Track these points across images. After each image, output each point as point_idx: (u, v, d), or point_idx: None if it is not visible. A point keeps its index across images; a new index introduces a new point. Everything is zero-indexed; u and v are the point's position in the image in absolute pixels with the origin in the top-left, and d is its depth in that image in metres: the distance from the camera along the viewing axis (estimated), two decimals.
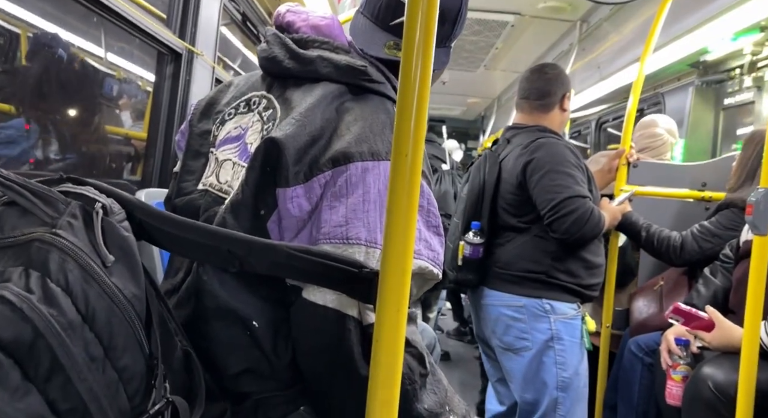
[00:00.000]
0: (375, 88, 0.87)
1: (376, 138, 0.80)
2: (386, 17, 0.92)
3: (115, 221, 0.66)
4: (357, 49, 0.93)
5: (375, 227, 0.75)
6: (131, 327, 0.62)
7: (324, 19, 0.92)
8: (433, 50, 0.59)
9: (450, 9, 0.95)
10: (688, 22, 2.56)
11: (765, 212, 1.28)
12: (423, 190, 0.81)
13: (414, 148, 0.58)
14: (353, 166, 0.77)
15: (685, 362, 1.60)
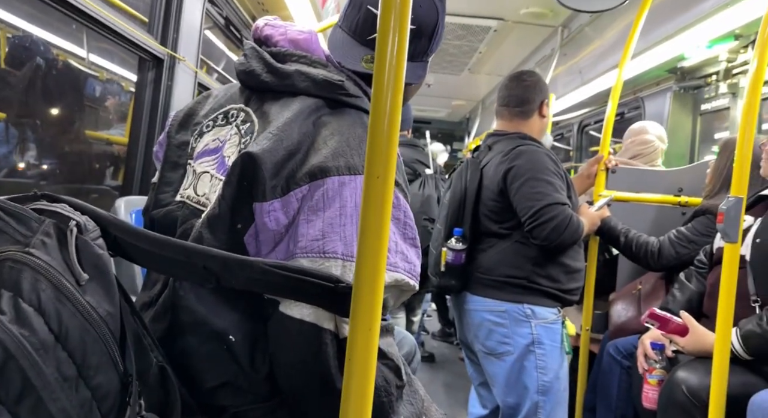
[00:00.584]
0: (352, 102, 0.88)
1: (353, 152, 0.81)
2: (363, 32, 0.93)
3: (90, 238, 0.66)
4: (334, 62, 0.93)
5: (352, 241, 0.76)
6: (105, 345, 0.62)
7: (302, 34, 0.93)
8: (404, 76, 0.60)
9: (427, 24, 0.95)
10: (665, 29, 2.61)
11: (735, 219, 1.31)
12: (399, 202, 0.82)
13: (386, 170, 0.59)
14: (330, 180, 0.78)
15: (661, 366, 1.64)
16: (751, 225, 1.57)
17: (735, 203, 1.31)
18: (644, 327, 1.75)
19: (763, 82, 1.35)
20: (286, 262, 0.75)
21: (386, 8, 0.59)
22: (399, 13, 0.59)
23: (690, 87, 3.07)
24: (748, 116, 1.32)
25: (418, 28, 0.91)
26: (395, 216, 0.81)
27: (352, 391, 0.60)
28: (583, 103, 4.29)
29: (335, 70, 0.91)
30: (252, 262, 0.71)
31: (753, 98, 1.32)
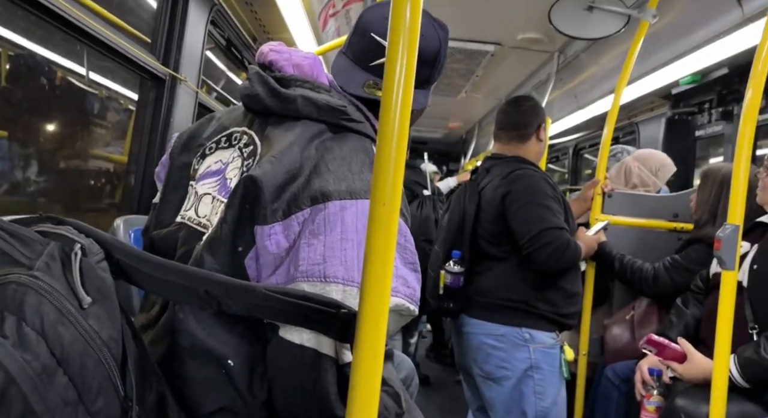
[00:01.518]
0: (354, 127, 0.89)
1: (355, 177, 0.81)
2: (367, 58, 0.95)
3: (94, 261, 0.66)
4: (337, 88, 0.95)
5: (353, 266, 0.76)
6: (106, 370, 0.62)
7: (306, 59, 0.94)
8: (410, 105, 0.61)
9: (429, 52, 0.97)
10: (659, 57, 2.66)
11: (732, 247, 1.33)
12: (400, 227, 0.82)
13: (392, 197, 0.60)
14: (332, 204, 0.78)
15: (659, 392, 1.63)
16: (748, 251, 1.59)
17: (732, 231, 1.32)
18: (640, 351, 1.75)
19: (758, 108, 1.38)
20: (288, 287, 0.75)
21: (394, 40, 0.61)
22: (407, 43, 0.61)
23: (684, 113, 3.12)
24: (743, 144, 1.34)
25: (420, 57, 0.93)
26: (398, 241, 0.80)
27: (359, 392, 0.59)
28: (578, 127, 4.34)
29: (338, 95, 0.93)
30: (254, 288, 0.71)
31: (748, 127, 1.34)
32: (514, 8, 2.73)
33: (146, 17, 2.16)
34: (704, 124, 2.99)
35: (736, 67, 2.43)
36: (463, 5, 2.75)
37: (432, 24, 0.98)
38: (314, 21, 2.76)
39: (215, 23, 2.48)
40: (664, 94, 3.12)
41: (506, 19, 2.90)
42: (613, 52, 2.97)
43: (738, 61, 2.36)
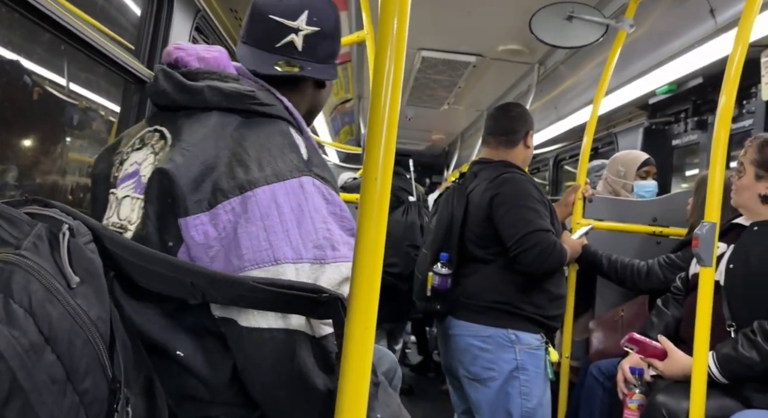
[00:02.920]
0: (266, 111, 0.89)
1: (278, 160, 0.82)
2: (271, 41, 0.96)
3: (82, 242, 0.66)
4: (249, 75, 0.96)
5: (298, 244, 0.78)
6: (95, 349, 0.61)
7: (211, 51, 0.95)
8: (400, 90, 0.63)
9: (329, 26, 1.00)
10: (636, 67, 2.74)
11: (709, 244, 1.36)
12: (334, 198, 0.85)
13: (384, 173, 0.61)
14: (260, 190, 0.79)
15: (640, 391, 1.65)
16: (725, 252, 1.63)
17: (709, 228, 1.36)
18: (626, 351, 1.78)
19: (731, 118, 1.43)
20: (274, 278, 0.75)
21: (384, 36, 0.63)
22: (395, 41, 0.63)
23: (661, 123, 3.20)
24: (717, 149, 1.38)
25: (325, 32, 0.97)
26: (332, 211, 0.83)
27: (347, 394, 0.60)
28: (558, 138, 4.42)
29: (247, 82, 0.93)
30: (241, 280, 0.72)
31: (722, 132, 1.39)
32: (495, 20, 2.79)
33: (130, 25, 2.16)
34: (680, 134, 3.08)
35: (710, 77, 2.51)
36: (445, 17, 2.81)
37: (326, 1, 1.01)
38: None
39: (200, 29, 2.49)
40: (642, 104, 3.20)
41: (487, 31, 2.97)
42: (591, 64, 3.04)
43: (712, 71, 2.44)
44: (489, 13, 2.70)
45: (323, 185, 0.83)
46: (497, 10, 2.66)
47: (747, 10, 1.39)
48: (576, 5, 2.23)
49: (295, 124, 0.93)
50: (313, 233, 0.79)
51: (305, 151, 0.87)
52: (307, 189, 0.81)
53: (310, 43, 0.96)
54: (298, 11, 0.94)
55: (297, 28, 0.94)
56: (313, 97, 1.03)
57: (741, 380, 1.46)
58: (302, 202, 0.79)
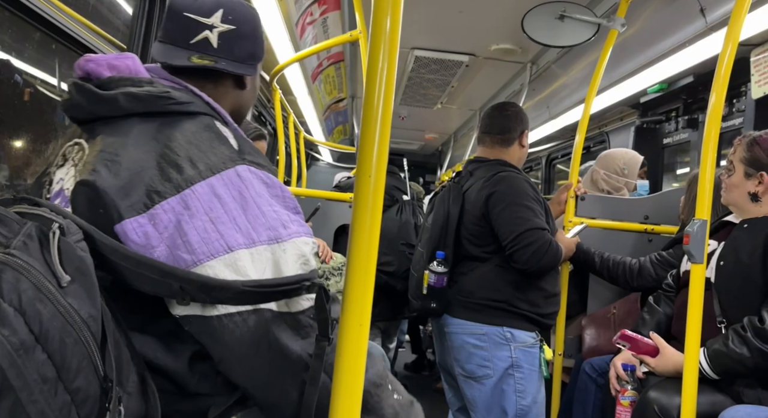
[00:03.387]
0: (185, 109, 0.88)
1: (208, 154, 0.82)
2: (186, 37, 0.96)
3: (73, 241, 0.66)
4: (163, 74, 0.95)
5: (248, 229, 0.78)
6: (86, 348, 0.61)
7: (121, 59, 0.93)
8: (393, 89, 0.63)
9: (251, 29, 1.00)
10: (628, 66, 2.75)
11: (700, 241, 1.38)
12: (273, 181, 0.85)
13: (377, 170, 0.62)
14: (198, 186, 0.79)
15: (632, 387, 1.66)
16: (715, 249, 1.64)
17: (700, 226, 1.37)
18: (617, 347, 1.79)
19: (721, 116, 1.44)
20: (263, 278, 0.77)
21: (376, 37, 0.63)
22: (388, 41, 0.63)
23: (652, 122, 3.22)
24: (708, 148, 1.40)
25: (242, 32, 0.98)
26: (274, 194, 0.84)
27: (342, 388, 0.61)
28: (551, 136, 4.44)
29: (162, 83, 0.92)
30: (230, 284, 0.73)
31: (712, 131, 1.40)
32: (488, 19, 2.80)
33: (122, 25, 2.15)
34: (671, 132, 3.10)
35: (700, 76, 2.53)
36: (438, 16, 2.81)
37: (243, 1, 1.02)
38: (292, 29, 2.78)
39: None
40: (633, 103, 3.22)
41: (480, 30, 2.98)
42: (583, 62, 3.06)
43: (702, 70, 2.46)
44: (481, 12, 2.71)
45: (259, 171, 0.84)
46: (489, 10, 2.67)
47: (737, 9, 1.40)
48: (568, 5, 2.24)
49: (219, 118, 0.92)
50: (261, 217, 0.80)
51: (234, 142, 0.87)
52: (244, 177, 0.81)
53: (226, 41, 0.96)
54: (213, 9, 0.96)
55: (211, 25, 0.95)
56: (235, 97, 1.03)
57: (732, 376, 1.47)
58: (243, 190, 0.80)
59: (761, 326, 1.40)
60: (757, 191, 1.60)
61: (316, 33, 3.02)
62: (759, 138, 1.62)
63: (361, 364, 0.67)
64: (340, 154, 7.28)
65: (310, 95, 4.15)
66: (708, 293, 1.57)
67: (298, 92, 3.96)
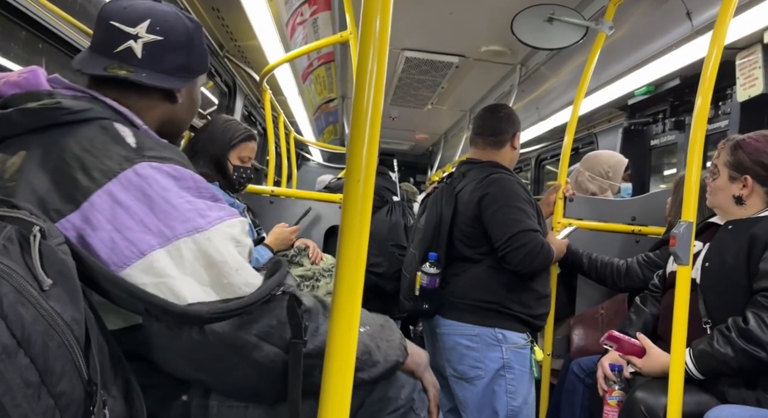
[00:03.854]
0: (79, 117, 0.86)
1: (102, 159, 0.81)
2: (110, 46, 0.95)
3: (54, 244, 0.65)
4: (65, 85, 0.93)
5: (159, 227, 0.78)
6: (69, 351, 0.61)
7: (22, 74, 0.92)
8: (383, 90, 0.64)
9: (178, 36, 0.98)
10: (616, 69, 2.78)
11: (686, 242, 1.39)
12: (183, 173, 0.84)
13: (366, 174, 0.62)
14: (95, 197, 0.78)
15: (620, 387, 1.68)
16: (701, 250, 1.66)
17: (686, 227, 1.39)
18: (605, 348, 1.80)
19: (707, 119, 1.45)
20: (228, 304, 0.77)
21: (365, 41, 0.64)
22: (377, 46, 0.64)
23: (639, 124, 3.25)
24: (694, 150, 1.41)
25: (168, 40, 0.96)
26: (185, 186, 0.83)
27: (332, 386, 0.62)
28: (540, 137, 4.46)
29: (64, 92, 0.91)
30: (196, 312, 0.74)
31: (698, 133, 1.41)
32: (477, 21, 2.81)
33: None
34: (658, 134, 3.13)
35: (687, 78, 2.56)
36: (428, 17, 2.82)
37: (177, 13, 1.00)
38: (282, 29, 2.77)
39: None
40: (621, 105, 3.25)
41: (470, 32, 2.98)
42: (572, 65, 3.08)
43: (689, 73, 2.49)
44: (471, 14, 2.72)
45: (163, 165, 0.83)
46: (479, 12, 2.68)
47: (722, 13, 1.41)
48: (556, 7, 2.25)
49: (122, 119, 0.90)
50: (173, 211, 0.79)
51: (133, 140, 0.85)
52: (144, 174, 0.80)
53: (151, 52, 0.94)
54: (140, 19, 0.94)
55: (136, 35, 0.93)
56: (165, 110, 1.00)
57: (716, 376, 1.49)
58: (145, 188, 0.79)
59: (745, 327, 1.42)
60: (742, 194, 1.62)
61: (307, 33, 3.01)
62: (742, 142, 1.64)
63: (350, 363, 0.67)
64: (330, 154, 7.27)
65: (301, 95, 4.14)
66: (693, 293, 1.58)
67: (289, 92, 3.95)
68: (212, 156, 1.87)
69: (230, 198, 1.87)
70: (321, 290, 1.83)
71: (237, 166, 1.90)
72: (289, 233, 2.01)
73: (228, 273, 0.80)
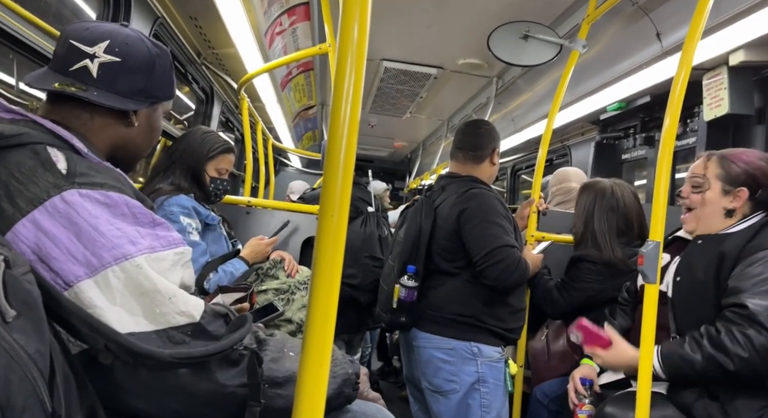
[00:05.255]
0: (10, 142, 0.84)
1: (29, 186, 0.79)
2: (66, 64, 0.95)
3: (18, 274, 0.64)
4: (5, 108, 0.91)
5: (86, 256, 0.76)
6: (32, 385, 0.59)
7: None
8: (360, 101, 0.64)
9: (138, 61, 0.97)
10: (589, 84, 2.83)
11: (654, 262, 1.41)
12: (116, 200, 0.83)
13: (340, 209, 0.62)
14: (19, 226, 0.76)
15: (590, 401, 1.70)
16: (669, 262, 1.69)
17: (653, 247, 1.41)
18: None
19: (675, 136, 1.49)
20: (191, 349, 0.78)
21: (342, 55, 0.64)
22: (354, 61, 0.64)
23: (611, 138, 3.32)
24: (662, 167, 1.44)
25: (126, 63, 0.96)
26: (119, 213, 0.82)
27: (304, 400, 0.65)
28: (516, 148, 4.53)
29: (1, 119, 0.89)
30: (158, 355, 0.74)
31: (666, 151, 1.45)
32: (455, 35, 2.84)
33: None
34: (629, 148, 3.20)
35: (657, 96, 2.63)
36: (407, 29, 2.84)
37: (141, 38, 1.00)
38: (261, 38, 2.76)
39: (158, 37, 2.43)
40: (594, 120, 3.32)
41: (448, 45, 3.02)
42: (547, 79, 3.13)
43: (659, 91, 2.56)
44: (449, 27, 2.75)
45: (93, 191, 0.81)
46: (457, 26, 2.71)
47: (690, 36, 1.45)
48: (532, 25, 2.29)
49: (60, 144, 0.87)
50: (100, 239, 0.77)
51: (64, 165, 0.83)
52: (72, 201, 0.79)
53: (107, 73, 0.94)
54: (99, 39, 0.94)
55: (93, 55, 0.93)
56: (119, 132, 0.99)
57: (679, 379, 1.50)
58: (72, 216, 0.77)
59: (717, 336, 1.44)
60: (734, 207, 1.63)
61: (286, 43, 3.01)
62: (729, 155, 1.64)
63: (324, 375, 0.66)
64: (309, 160, 7.24)
65: (279, 103, 4.12)
66: (664, 308, 1.62)
67: (267, 99, 3.93)
68: (189, 167, 1.85)
69: (205, 210, 1.85)
70: (296, 304, 1.82)
71: (214, 177, 1.89)
72: (266, 245, 1.99)
73: (160, 302, 0.78)
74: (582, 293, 2.03)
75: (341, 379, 1.01)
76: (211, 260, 1.79)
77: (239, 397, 0.84)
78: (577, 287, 2.04)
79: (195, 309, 0.83)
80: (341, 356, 1.10)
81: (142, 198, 0.90)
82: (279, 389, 0.90)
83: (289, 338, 1.05)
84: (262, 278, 1.89)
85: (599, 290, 2.02)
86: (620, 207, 2.07)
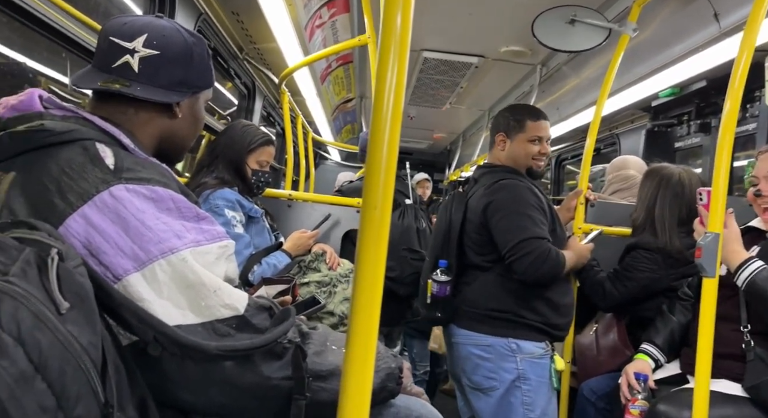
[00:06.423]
0: (61, 139, 0.86)
1: (78, 181, 0.81)
2: (108, 61, 0.95)
3: (71, 266, 0.65)
4: (57, 105, 0.93)
5: (133, 250, 0.78)
6: (86, 375, 0.61)
7: (19, 97, 0.92)
8: (403, 93, 0.63)
9: (179, 54, 0.98)
10: (639, 70, 2.71)
11: (713, 255, 1.34)
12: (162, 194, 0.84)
13: (383, 202, 0.61)
14: (71, 221, 0.78)
15: (643, 397, 1.64)
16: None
17: (713, 239, 1.34)
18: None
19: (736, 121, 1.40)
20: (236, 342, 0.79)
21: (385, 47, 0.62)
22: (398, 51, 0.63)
23: (663, 125, 3.18)
24: (722, 154, 1.36)
25: (166, 55, 0.96)
26: (165, 207, 0.83)
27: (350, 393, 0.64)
28: (561, 138, 4.39)
29: (53, 116, 0.90)
30: (204, 347, 0.75)
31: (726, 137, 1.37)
32: (497, 21, 2.77)
33: None
34: (683, 136, 3.05)
35: (713, 81, 2.49)
36: (448, 18, 2.79)
37: (177, 28, 1.00)
38: (301, 31, 2.77)
39: (202, 32, 2.48)
40: (644, 107, 3.18)
41: (489, 32, 2.94)
42: (594, 65, 3.02)
43: (715, 75, 2.42)
44: (491, 14, 2.68)
45: (141, 186, 0.82)
46: (499, 12, 2.64)
47: (753, 15, 1.37)
48: (578, 9, 2.21)
49: (108, 140, 0.89)
50: (147, 233, 0.79)
51: (112, 161, 0.84)
52: (120, 196, 0.80)
53: (148, 67, 0.94)
54: (137, 34, 0.94)
55: (133, 50, 0.94)
56: (164, 125, 1.00)
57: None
58: (120, 210, 0.79)
59: None
60: None
61: (326, 36, 3.00)
62: None
63: (369, 369, 0.66)
64: (348, 153, 7.27)
65: (319, 96, 4.14)
66: (732, 298, 1.54)
67: (307, 93, 3.96)
68: (231, 160, 1.88)
69: (249, 203, 1.88)
70: (338, 296, 1.82)
71: (255, 170, 1.92)
72: (307, 238, 2.01)
73: (205, 295, 0.80)
74: (637, 284, 1.93)
75: (384, 373, 1.01)
76: (254, 252, 1.82)
77: (284, 390, 0.85)
78: (632, 276, 1.95)
79: (239, 302, 0.84)
80: (383, 349, 1.09)
81: (186, 192, 0.92)
82: (323, 383, 0.90)
83: (332, 332, 1.05)
84: (304, 270, 1.90)
85: (655, 279, 1.92)
86: (685, 194, 1.97)
